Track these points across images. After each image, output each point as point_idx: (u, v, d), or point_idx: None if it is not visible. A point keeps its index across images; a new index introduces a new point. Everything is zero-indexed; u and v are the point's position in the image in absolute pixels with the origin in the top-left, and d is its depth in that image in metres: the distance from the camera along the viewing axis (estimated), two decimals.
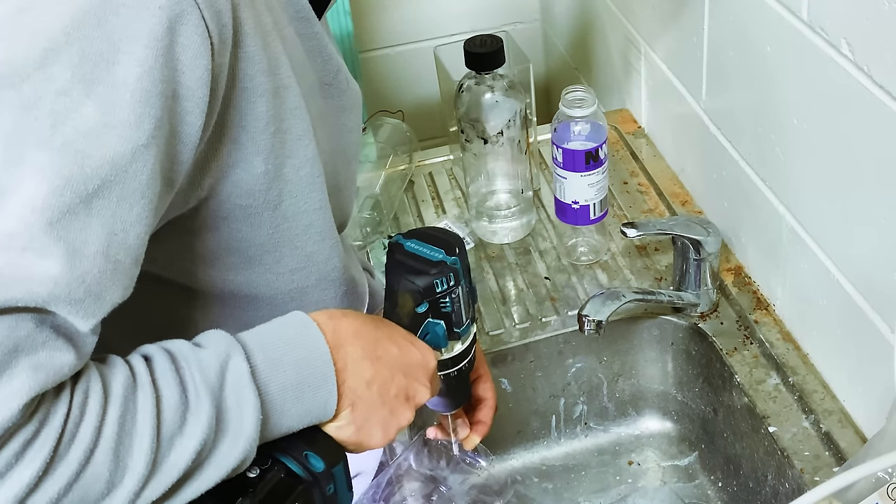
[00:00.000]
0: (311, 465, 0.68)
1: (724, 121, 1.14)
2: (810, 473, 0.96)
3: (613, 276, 1.21)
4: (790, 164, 0.99)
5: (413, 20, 1.78)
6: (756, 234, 1.12)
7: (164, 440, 0.59)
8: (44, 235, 0.54)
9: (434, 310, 0.78)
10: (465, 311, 0.80)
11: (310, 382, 0.66)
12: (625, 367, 1.20)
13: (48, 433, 0.55)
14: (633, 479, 1.20)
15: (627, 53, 1.41)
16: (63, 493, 0.55)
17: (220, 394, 0.62)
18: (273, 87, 0.68)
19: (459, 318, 0.80)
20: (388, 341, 0.73)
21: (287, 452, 0.67)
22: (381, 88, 1.78)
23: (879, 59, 0.79)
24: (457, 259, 0.78)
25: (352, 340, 0.70)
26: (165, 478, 0.59)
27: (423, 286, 0.76)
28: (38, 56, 0.55)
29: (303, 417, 0.67)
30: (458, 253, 0.78)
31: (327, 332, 0.68)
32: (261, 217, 0.73)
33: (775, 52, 0.96)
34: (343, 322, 0.70)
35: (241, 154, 0.68)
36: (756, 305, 1.12)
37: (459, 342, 0.82)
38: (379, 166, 1.36)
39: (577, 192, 1.16)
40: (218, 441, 0.62)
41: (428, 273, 0.76)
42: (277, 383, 0.65)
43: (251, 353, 0.64)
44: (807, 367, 1.05)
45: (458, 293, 0.78)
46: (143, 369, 0.60)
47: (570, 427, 1.23)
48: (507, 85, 1.18)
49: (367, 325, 0.72)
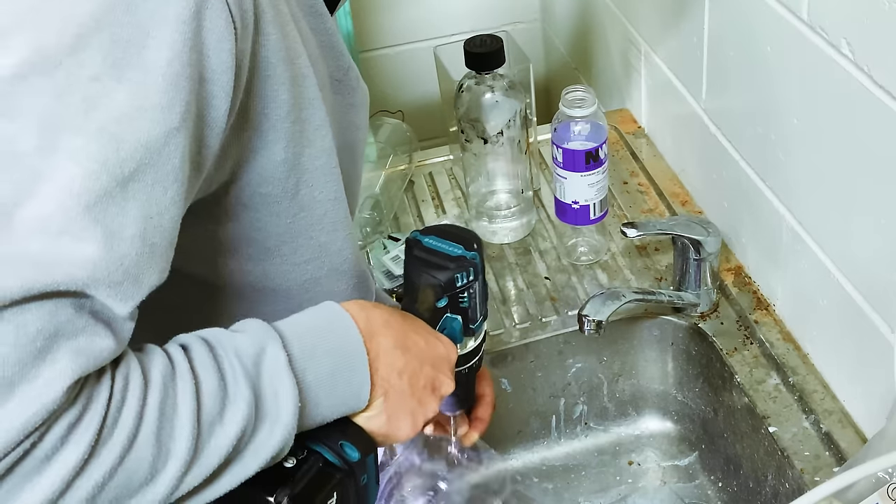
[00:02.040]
0: (347, 455, 0.68)
1: (724, 121, 1.14)
2: (810, 473, 0.96)
3: (613, 276, 1.21)
4: (790, 164, 0.99)
5: (413, 20, 1.78)
6: (756, 234, 1.12)
7: (205, 426, 0.59)
8: (82, 219, 0.54)
9: (453, 305, 0.79)
10: (480, 306, 0.81)
11: (344, 371, 0.67)
12: (625, 367, 1.20)
13: (92, 416, 0.55)
14: (633, 479, 1.21)
15: (627, 53, 1.41)
16: (109, 477, 0.56)
17: (258, 381, 0.62)
18: (293, 76, 0.68)
19: (475, 313, 0.81)
20: (415, 333, 0.74)
21: (322, 442, 0.68)
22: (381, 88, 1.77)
23: (879, 59, 0.79)
24: (476, 254, 0.78)
25: (383, 330, 0.71)
26: (207, 463, 0.60)
27: (444, 281, 0.77)
28: (69, 42, 0.55)
29: (338, 407, 0.67)
30: (477, 248, 0.79)
31: (360, 321, 0.69)
32: (279, 206, 0.73)
33: (775, 52, 0.96)
34: (374, 312, 0.71)
35: (262, 141, 0.68)
36: (756, 305, 1.12)
37: (473, 339, 0.83)
38: (379, 166, 1.35)
39: (577, 192, 1.16)
40: (257, 429, 0.62)
41: (448, 268, 0.77)
42: (313, 372, 0.65)
43: (288, 342, 0.65)
44: (807, 367, 1.05)
45: (475, 288, 0.79)
46: (181, 357, 0.61)
47: (570, 427, 1.23)
48: (507, 85, 1.18)
49: (395, 316, 0.73)
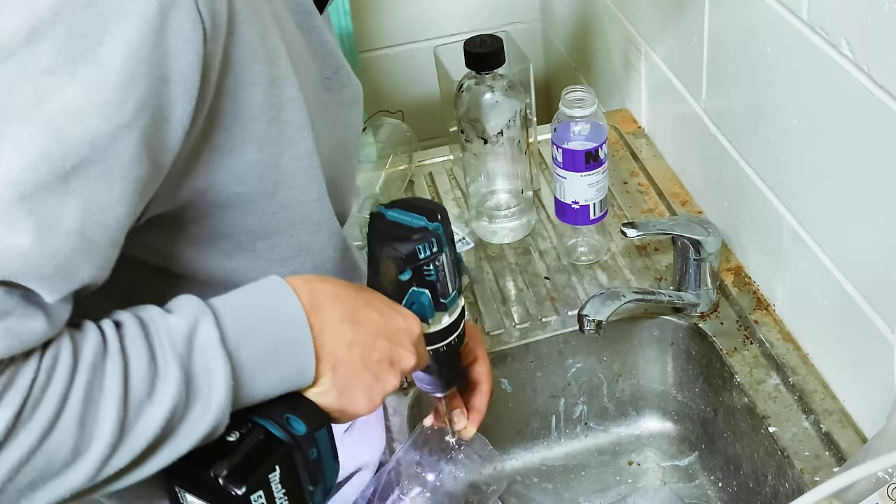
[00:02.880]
0: (293, 428, 0.67)
1: (724, 121, 1.14)
2: (810, 473, 0.96)
3: (613, 276, 1.21)
4: (790, 164, 0.99)
5: (413, 20, 1.78)
6: (756, 234, 1.12)
7: (133, 408, 0.58)
8: (15, 209, 0.54)
9: (418, 278, 0.77)
10: (450, 280, 0.79)
11: (285, 346, 0.65)
12: (625, 367, 1.20)
13: (13, 396, 0.54)
14: (633, 479, 1.21)
15: (627, 53, 1.41)
16: (26, 459, 0.55)
17: (189, 360, 0.61)
18: (270, 77, 0.68)
19: (445, 287, 0.79)
20: (369, 307, 0.72)
21: (267, 416, 0.66)
22: (381, 88, 1.77)
23: (879, 59, 0.79)
24: (439, 225, 0.76)
25: (330, 304, 0.69)
26: (134, 445, 0.59)
27: (405, 253, 0.75)
28: (25, 34, 0.55)
29: (281, 383, 0.66)
30: (441, 219, 0.77)
31: (303, 295, 0.67)
32: (254, 205, 0.72)
33: (775, 52, 0.96)
34: (321, 285, 0.69)
35: (233, 142, 0.68)
36: (756, 305, 1.12)
37: (447, 314, 0.80)
38: (379, 166, 1.35)
39: (577, 192, 1.16)
40: (188, 408, 0.61)
41: (410, 239, 0.75)
42: (249, 348, 0.64)
43: (221, 318, 0.63)
44: (807, 367, 1.05)
45: (442, 261, 0.77)
46: (113, 335, 0.60)
47: (570, 427, 1.23)
48: (507, 85, 1.18)
49: (347, 290, 0.71)
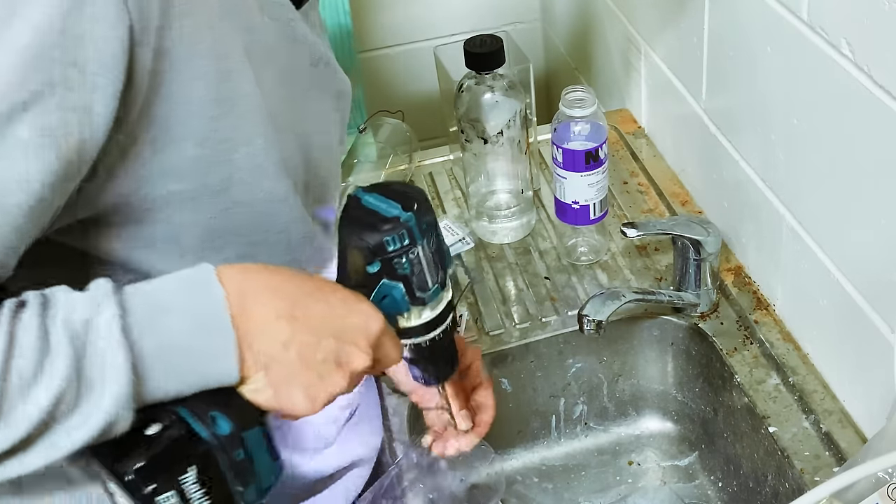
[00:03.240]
0: (217, 427, 0.63)
1: (724, 121, 1.14)
2: (810, 473, 0.96)
3: (613, 276, 1.21)
4: (790, 164, 0.99)
5: (413, 20, 1.78)
6: (756, 234, 1.12)
7: (14, 387, 0.56)
8: None
9: (389, 270, 0.71)
10: (429, 274, 0.73)
11: (201, 341, 0.62)
12: (625, 367, 1.20)
13: None
14: (633, 479, 1.21)
15: (627, 53, 1.41)
16: None
17: (84, 344, 0.58)
18: (218, 71, 0.66)
19: (423, 281, 0.73)
20: (317, 301, 0.67)
21: (194, 411, 0.63)
22: (381, 88, 1.77)
23: (879, 59, 0.79)
24: (412, 216, 0.70)
25: (265, 298, 0.65)
26: (14, 429, 0.56)
27: (373, 243, 0.70)
28: None
29: (199, 378, 0.62)
30: (417, 209, 0.71)
31: (232, 286, 0.63)
32: (199, 202, 0.70)
33: (775, 52, 0.96)
34: (259, 277, 0.66)
35: (169, 136, 0.66)
36: (756, 305, 1.12)
37: (427, 308, 0.75)
38: (379, 166, 1.35)
39: (577, 192, 1.16)
40: (79, 396, 0.58)
41: (379, 229, 0.70)
42: (157, 339, 0.60)
43: (130, 305, 0.60)
44: (807, 367, 1.05)
45: (417, 253, 0.71)
46: (7, 311, 0.58)
47: (570, 427, 1.23)
48: (507, 85, 1.18)
49: (291, 282, 0.67)
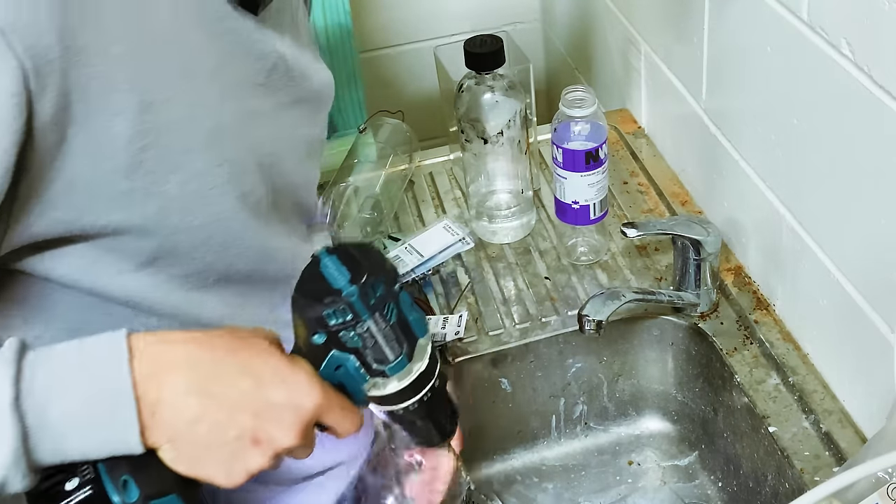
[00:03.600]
0: (126, 493, 0.63)
1: (724, 121, 1.14)
2: (810, 473, 0.96)
3: (613, 276, 1.21)
4: (790, 164, 0.99)
5: (413, 20, 1.78)
6: (756, 234, 1.12)
7: None
8: None
9: (336, 343, 0.67)
10: (388, 347, 0.68)
11: (103, 413, 0.61)
12: (625, 367, 1.20)
13: None
14: (633, 479, 1.21)
15: (627, 53, 1.41)
16: None
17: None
18: (140, 103, 0.66)
19: (381, 354, 0.68)
20: (239, 375, 0.64)
21: (111, 471, 0.63)
22: (381, 88, 1.77)
23: (879, 59, 0.79)
24: (356, 290, 0.66)
25: (177, 372, 0.63)
26: None
27: (312, 316, 0.66)
28: None
29: (103, 446, 0.62)
30: (364, 282, 0.66)
31: (143, 359, 0.62)
32: (145, 229, 0.70)
33: (775, 52, 0.96)
34: (173, 349, 0.64)
35: (96, 172, 0.66)
36: (756, 305, 1.12)
37: (393, 380, 0.70)
38: (379, 166, 1.35)
39: (577, 192, 1.16)
40: None
41: (321, 301, 0.66)
42: (60, 407, 0.60)
43: (30, 371, 0.60)
44: (807, 367, 1.05)
45: (367, 328, 0.67)
46: None
47: (570, 427, 1.23)
48: (507, 85, 1.18)
49: (212, 354, 0.65)
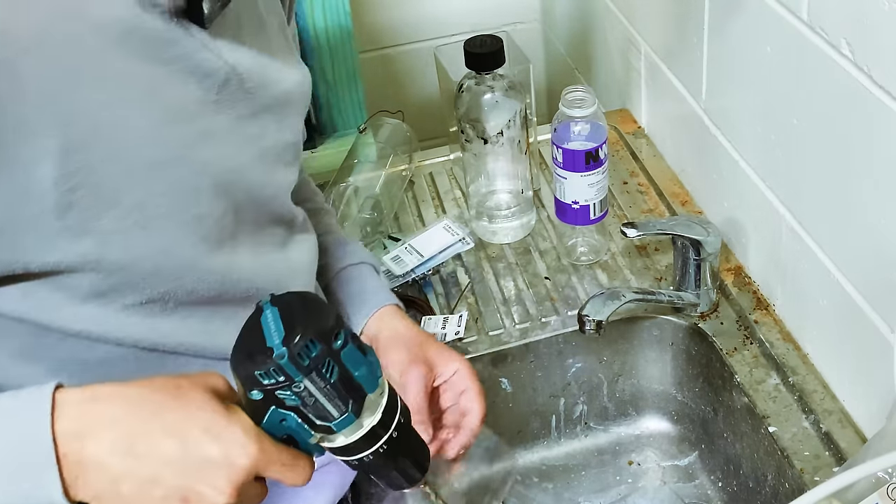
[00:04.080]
0: None
1: (724, 121, 1.14)
2: (810, 473, 0.96)
3: (613, 276, 1.21)
4: (790, 164, 0.99)
5: (413, 20, 1.78)
6: (756, 234, 1.12)
7: None
8: None
9: (274, 400, 0.63)
10: (331, 405, 0.64)
11: (25, 469, 0.61)
12: (625, 367, 1.20)
13: None
14: (633, 479, 1.21)
15: (627, 53, 1.41)
16: None
17: None
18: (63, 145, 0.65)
19: (323, 412, 0.64)
20: (167, 435, 0.63)
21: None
22: (381, 88, 1.77)
23: (879, 59, 0.79)
24: (285, 353, 0.61)
25: (102, 431, 0.62)
26: None
27: (245, 374, 0.63)
28: None
29: (28, 499, 0.62)
30: (296, 342, 0.61)
31: (69, 416, 0.62)
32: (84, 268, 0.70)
33: (775, 52, 0.96)
34: (100, 407, 0.63)
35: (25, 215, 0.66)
36: (756, 305, 1.12)
37: (340, 435, 0.66)
38: (379, 166, 1.35)
39: (577, 192, 1.16)
40: None
41: (253, 360, 0.62)
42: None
43: None
44: (807, 367, 1.05)
45: (305, 388, 0.62)
46: None
47: (570, 427, 1.23)
48: (507, 85, 1.18)
49: (140, 412, 0.63)
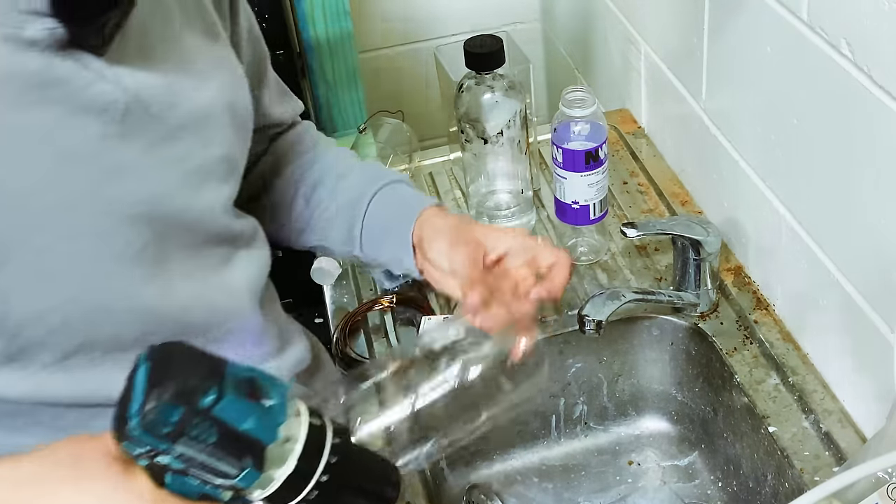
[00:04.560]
0: None
1: (724, 121, 1.14)
2: (810, 473, 0.96)
3: (613, 276, 1.21)
4: (790, 164, 0.99)
5: (413, 20, 1.79)
6: (756, 234, 1.12)
7: None
8: None
9: (158, 467, 0.58)
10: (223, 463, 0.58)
11: None
12: (625, 367, 1.20)
13: None
14: (633, 479, 1.21)
15: (627, 53, 1.41)
16: None
17: None
18: None
19: (216, 472, 0.58)
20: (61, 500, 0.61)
21: None
22: (381, 88, 1.78)
23: (879, 59, 0.79)
24: (138, 422, 0.55)
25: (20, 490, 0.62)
26: None
27: (116, 443, 0.59)
28: None
29: None
30: (153, 408, 0.55)
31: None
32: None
33: (775, 52, 0.96)
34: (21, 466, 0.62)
35: None
36: (756, 305, 1.12)
37: (255, 489, 0.60)
38: None
39: (577, 192, 1.16)
40: None
41: (115, 429, 0.58)
42: None
43: None
44: (807, 367, 1.05)
45: (181, 453, 0.57)
46: None
47: (570, 427, 1.23)
48: (507, 85, 1.18)
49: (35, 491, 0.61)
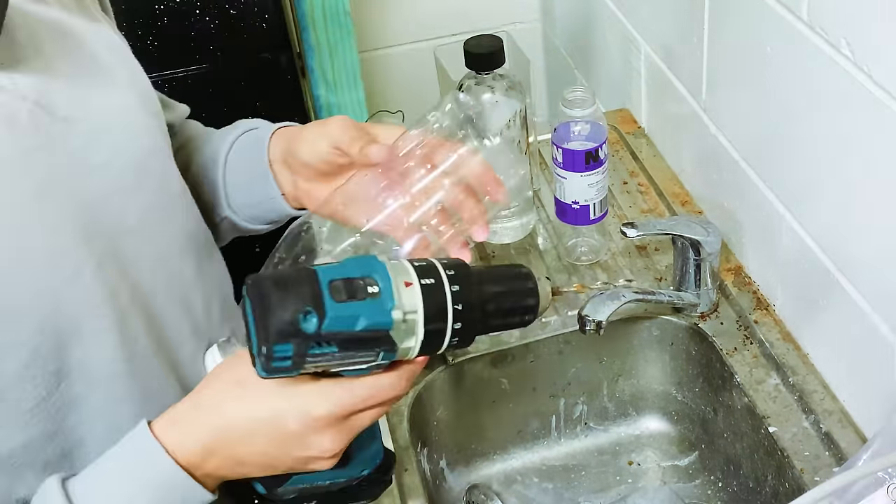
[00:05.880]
0: None
1: (724, 121, 1.14)
2: (810, 473, 0.96)
3: (613, 276, 1.21)
4: (790, 164, 0.99)
5: (413, 20, 1.78)
6: (756, 234, 1.12)
7: None
8: None
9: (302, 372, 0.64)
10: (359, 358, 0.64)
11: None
12: (625, 367, 1.20)
13: None
14: (633, 479, 1.20)
15: (627, 53, 1.41)
16: None
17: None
18: None
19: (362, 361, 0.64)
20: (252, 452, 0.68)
21: None
22: (381, 88, 1.78)
23: (879, 59, 0.79)
24: (262, 366, 0.62)
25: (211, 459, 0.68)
26: None
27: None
28: None
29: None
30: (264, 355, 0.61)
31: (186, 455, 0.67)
32: None
33: (775, 52, 0.96)
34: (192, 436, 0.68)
35: None
36: (756, 305, 1.12)
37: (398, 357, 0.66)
38: None
39: (577, 192, 1.16)
40: None
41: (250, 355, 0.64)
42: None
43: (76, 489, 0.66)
44: (807, 367, 1.05)
45: (315, 365, 0.63)
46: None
47: (570, 427, 1.23)
48: (507, 85, 1.18)
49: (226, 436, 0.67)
